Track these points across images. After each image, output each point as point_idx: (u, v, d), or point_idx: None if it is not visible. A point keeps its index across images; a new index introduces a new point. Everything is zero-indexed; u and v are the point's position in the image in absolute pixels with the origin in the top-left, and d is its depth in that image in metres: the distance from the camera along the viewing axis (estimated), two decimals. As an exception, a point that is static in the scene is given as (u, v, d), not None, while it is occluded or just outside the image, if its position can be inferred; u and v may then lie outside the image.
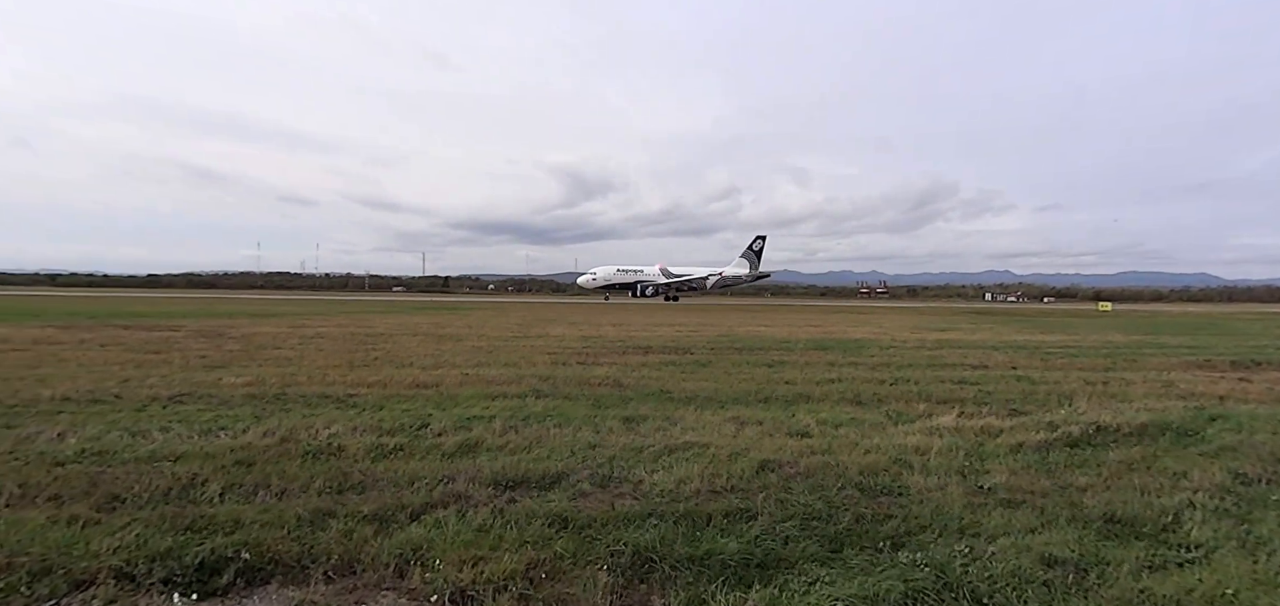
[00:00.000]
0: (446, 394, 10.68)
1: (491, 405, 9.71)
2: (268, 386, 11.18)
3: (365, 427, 8.00)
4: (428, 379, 12.26)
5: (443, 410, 9.29)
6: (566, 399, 10.45)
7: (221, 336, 21.27)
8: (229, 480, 5.88)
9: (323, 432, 7.70)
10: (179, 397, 9.92)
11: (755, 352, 18.87)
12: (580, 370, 14.19)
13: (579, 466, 6.62)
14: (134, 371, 12.71)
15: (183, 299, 61.00)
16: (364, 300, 70.38)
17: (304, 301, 59.90)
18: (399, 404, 9.72)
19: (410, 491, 5.75)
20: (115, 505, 5.30)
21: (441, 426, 8.12)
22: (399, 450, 7.07)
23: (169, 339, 19.99)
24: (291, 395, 10.31)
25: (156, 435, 7.49)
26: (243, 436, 7.52)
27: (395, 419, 8.61)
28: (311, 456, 6.72)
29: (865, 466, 6.84)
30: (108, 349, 16.88)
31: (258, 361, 14.87)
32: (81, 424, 8.03)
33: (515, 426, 8.24)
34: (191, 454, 6.69)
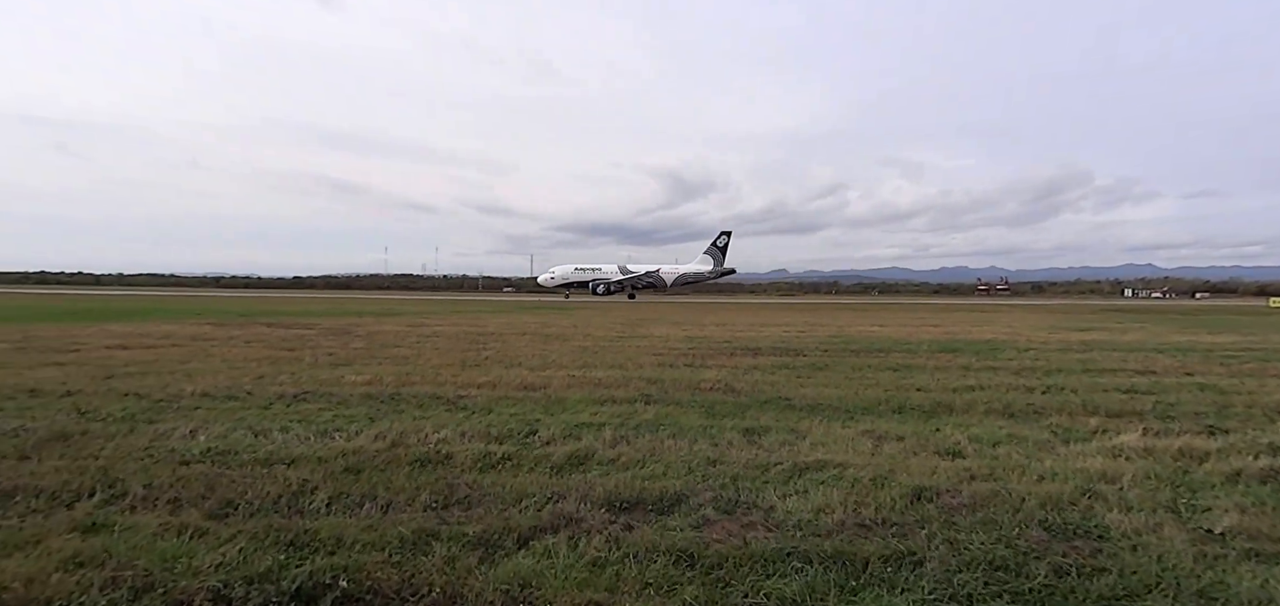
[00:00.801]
0: (554, 397, 10.32)
1: (600, 410, 9.22)
2: (384, 385, 11.32)
3: (473, 433, 7.71)
4: (535, 380, 12.01)
5: (551, 415, 8.90)
6: (677, 405, 9.78)
7: (349, 334, 22.43)
8: (337, 489, 5.67)
9: (432, 437, 7.47)
10: (302, 396, 10.18)
11: (874, 355, 17.40)
12: (688, 372, 13.51)
13: (699, 486, 5.91)
14: (269, 368, 13.38)
15: (320, 299, 66.22)
16: (477, 300, 73.48)
17: (424, 301, 63.30)
18: (507, 407, 9.44)
19: (518, 510, 5.28)
20: (227, 512, 5.19)
21: (550, 434, 7.69)
22: (506, 460, 6.67)
23: (303, 337, 21.28)
24: (405, 395, 10.33)
25: (277, 435, 7.55)
26: (355, 439, 7.43)
27: (503, 423, 8.30)
28: (419, 465, 6.45)
29: (1045, 498, 5.67)
30: (251, 345, 18.10)
31: (378, 359, 15.34)
32: (213, 420, 8.29)
33: (626, 436, 7.66)
34: (305, 457, 6.61)
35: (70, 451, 6.72)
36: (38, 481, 5.70)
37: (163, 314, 32.04)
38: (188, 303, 48.85)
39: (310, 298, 70.02)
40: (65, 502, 5.32)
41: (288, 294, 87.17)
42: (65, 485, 5.61)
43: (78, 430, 7.61)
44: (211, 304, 46.68)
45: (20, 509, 5.16)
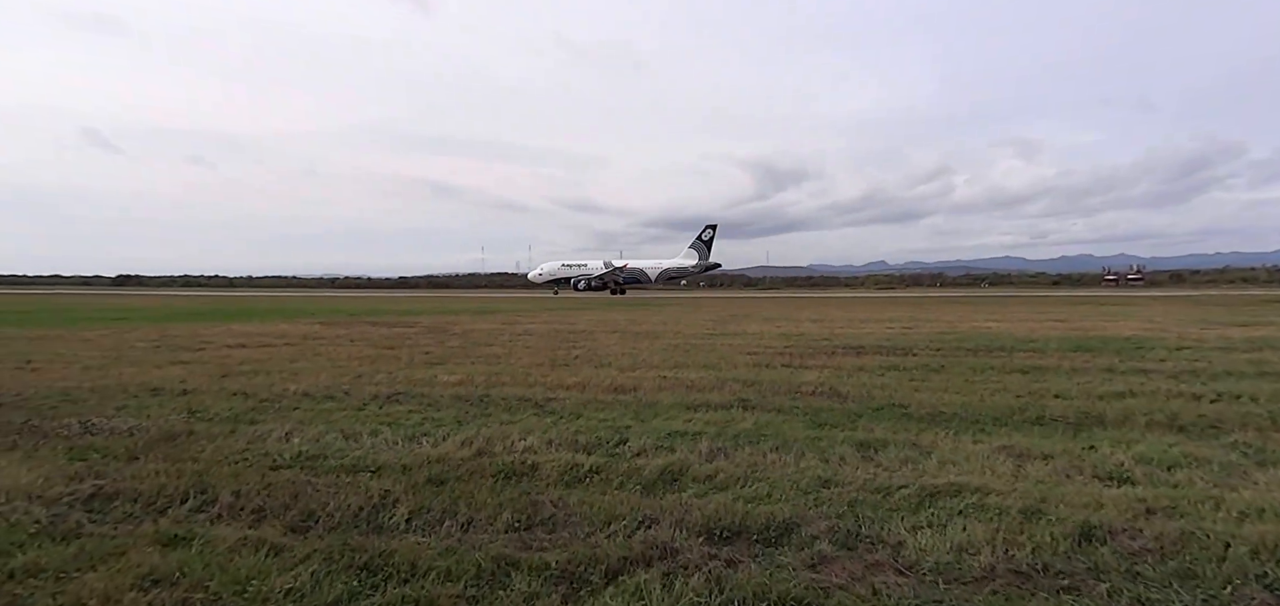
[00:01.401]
0: (644, 401, 9.78)
1: (694, 417, 8.58)
2: (475, 386, 11.20)
3: (561, 441, 7.28)
4: (625, 382, 11.54)
5: (641, 422, 8.36)
6: (779, 412, 8.98)
7: (445, 332, 22.98)
8: (418, 502, 5.35)
9: (518, 445, 7.11)
10: (396, 396, 10.18)
11: (995, 354, 15.73)
12: (787, 374, 12.61)
13: (811, 512, 5.16)
14: (368, 367, 13.68)
15: (422, 298, 69.48)
16: (568, 297, 74.74)
17: (518, 299, 65.06)
18: (596, 412, 8.98)
19: (605, 536, 4.74)
20: (308, 525, 4.97)
21: (640, 444, 7.13)
22: (595, 474, 6.17)
23: (403, 335, 21.97)
24: (494, 397, 10.12)
25: (366, 439, 7.43)
26: (442, 445, 7.18)
27: (592, 431, 7.83)
28: (503, 477, 6.07)
29: (1257, 543, 4.51)
30: (355, 344, 18.79)
31: (471, 358, 15.42)
32: (309, 422, 8.34)
33: (723, 448, 6.98)
34: (390, 465, 6.39)
35: (174, 452, 6.84)
36: (138, 484, 5.75)
37: (282, 314, 34.34)
38: (304, 303, 52.41)
39: (413, 297, 73.64)
40: (158, 509, 5.29)
41: (393, 293, 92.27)
42: (161, 490, 5.62)
43: (185, 430, 7.82)
44: (325, 304, 49.84)
45: (116, 514, 5.16)
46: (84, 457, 6.72)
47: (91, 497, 5.50)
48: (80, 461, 6.55)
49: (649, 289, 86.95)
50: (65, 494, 5.53)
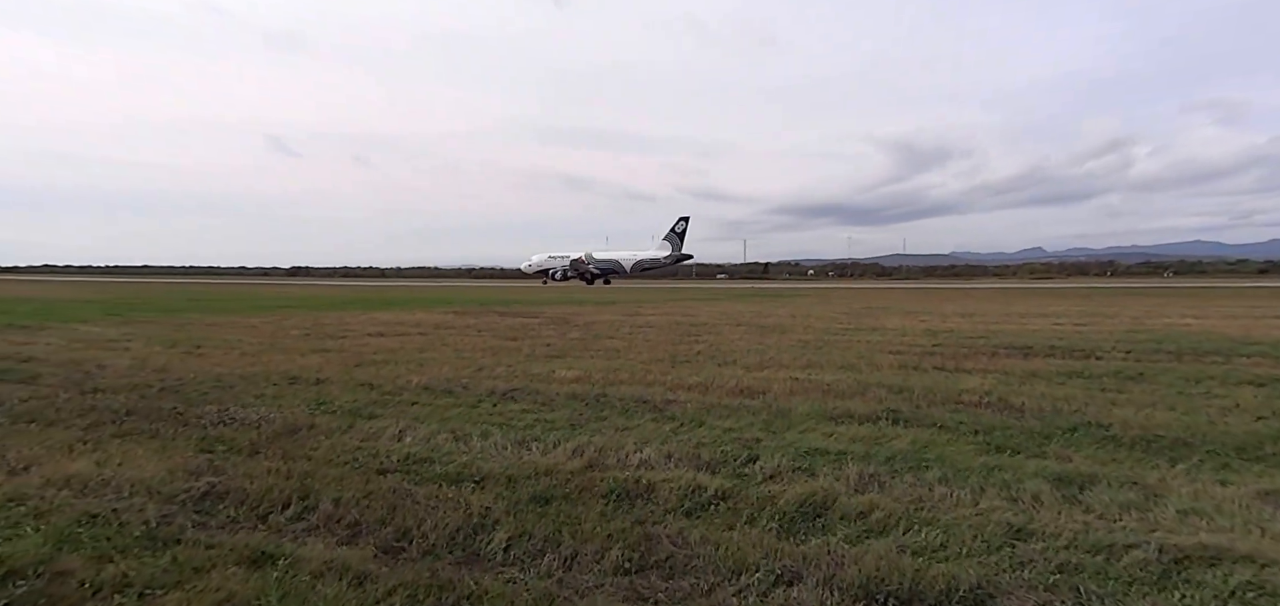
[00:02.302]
0: (776, 408, 8.68)
1: (836, 432, 7.39)
2: (592, 384, 10.63)
3: (680, 455, 6.41)
4: (752, 383, 10.47)
5: (773, 434, 7.30)
6: (940, 429, 7.55)
7: (568, 323, 22.97)
8: (519, 526, 4.70)
9: (633, 457, 6.33)
10: (511, 393, 9.81)
11: (1208, 359, 12.92)
12: (942, 379, 10.94)
13: (1007, 578, 3.92)
14: (490, 359, 13.60)
15: (549, 288, 71.77)
16: (690, 287, 74.05)
17: (641, 289, 65.28)
18: (721, 419, 8.03)
19: (734, 591, 3.81)
20: (400, 546, 4.47)
21: (774, 464, 6.09)
22: (721, 501, 5.24)
23: (527, 325, 22.18)
24: (611, 397, 9.45)
25: (476, 442, 6.98)
26: (552, 453, 6.56)
27: (716, 442, 6.90)
28: (615, 498, 5.30)
29: None
30: (481, 334, 19.11)
31: (591, 351, 15.00)
32: (424, 419, 8.08)
33: (877, 475, 5.78)
34: (495, 476, 5.83)
35: (292, 448, 6.74)
36: (249, 484, 5.58)
37: (420, 303, 36.37)
38: (442, 292, 55.66)
39: (542, 287, 76.14)
40: (260, 514, 5.04)
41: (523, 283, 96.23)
42: (268, 491, 5.39)
43: (307, 424, 7.81)
44: (460, 293, 52.57)
45: (220, 519, 4.96)
46: (211, 449, 6.78)
47: (203, 496, 5.37)
48: (206, 454, 6.59)
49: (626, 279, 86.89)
50: (181, 490, 5.45)
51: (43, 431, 7.49)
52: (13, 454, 6.49)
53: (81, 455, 6.46)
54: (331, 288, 71.32)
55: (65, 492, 5.41)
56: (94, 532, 4.55)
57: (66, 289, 57.25)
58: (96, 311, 27.37)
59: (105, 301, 35.60)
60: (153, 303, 35.03)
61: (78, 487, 5.54)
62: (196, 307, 30.86)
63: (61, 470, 5.92)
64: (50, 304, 32.91)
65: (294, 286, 75.76)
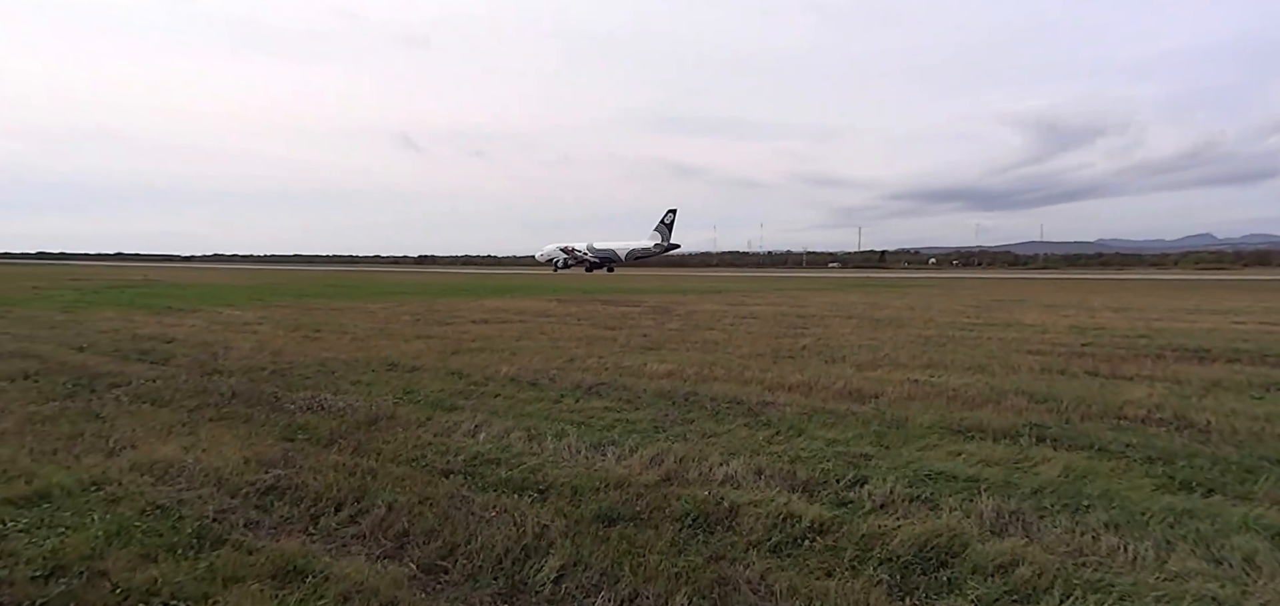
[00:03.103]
0: (889, 416, 7.55)
1: (964, 450, 6.21)
2: (684, 380, 9.93)
3: (772, 472, 5.55)
4: (863, 384, 9.33)
5: (885, 449, 6.25)
6: (1100, 452, 6.16)
7: (669, 313, 22.36)
8: (576, 552, 4.09)
9: (717, 471, 5.55)
10: (597, 388, 9.30)
11: None
12: (1096, 387, 9.26)
13: (1223, 690, 2.79)
14: (582, 349, 13.24)
15: (655, 276, 71.60)
16: (800, 277, 71.30)
17: (747, 278, 63.63)
18: (823, 428, 7.05)
19: (829, 672, 2.96)
20: (443, 566, 4.00)
21: (886, 489, 5.10)
22: (816, 536, 4.36)
23: (627, 315, 21.80)
24: (702, 396, 8.69)
25: (549, 443, 6.48)
26: (627, 460, 5.92)
27: (816, 457, 5.97)
28: (690, 523, 4.56)
29: None
30: (579, 324, 18.90)
31: (688, 344, 14.29)
32: (503, 413, 7.73)
33: (1020, 513, 4.64)
34: (560, 486, 5.27)
35: (365, 442, 6.55)
36: (314, 479, 5.37)
37: (528, 291, 37.18)
38: (550, 281, 56.92)
39: (648, 275, 76.24)
40: (313, 515, 4.77)
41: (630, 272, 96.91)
42: (328, 489, 5.14)
43: (388, 415, 7.66)
44: (567, 282, 53.49)
45: (274, 518, 4.73)
46: (292, 437, 6.73)
47: (267, 491, 5.21)
48: (286, 443, 6.54)
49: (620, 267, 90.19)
50: (248, 483, 5.32)
51: (153, 412, 7.82)
52: (118, 434, 6.75)
53: (175, 438, 6.60)
54: (451, 275, 75.11)
55: (145, 479, 5.44)
56: (150, 527, 4.43)
57: (225, 275, 64.03)
58: (243, 296, 30.04)
59: (253, 287, 39.20)
60: (292, 288, 38.16)
61: (158, 474, 5.57)
62: (328, 293, 33.19)
63: (151, 454, 6.02)
64: (208, 288, 36.69)
65: (418, 274, 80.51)
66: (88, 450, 6.18)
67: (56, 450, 6.17)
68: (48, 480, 5.26)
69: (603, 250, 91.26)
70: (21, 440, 6.50)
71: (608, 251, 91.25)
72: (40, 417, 7.47)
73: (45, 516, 4.61)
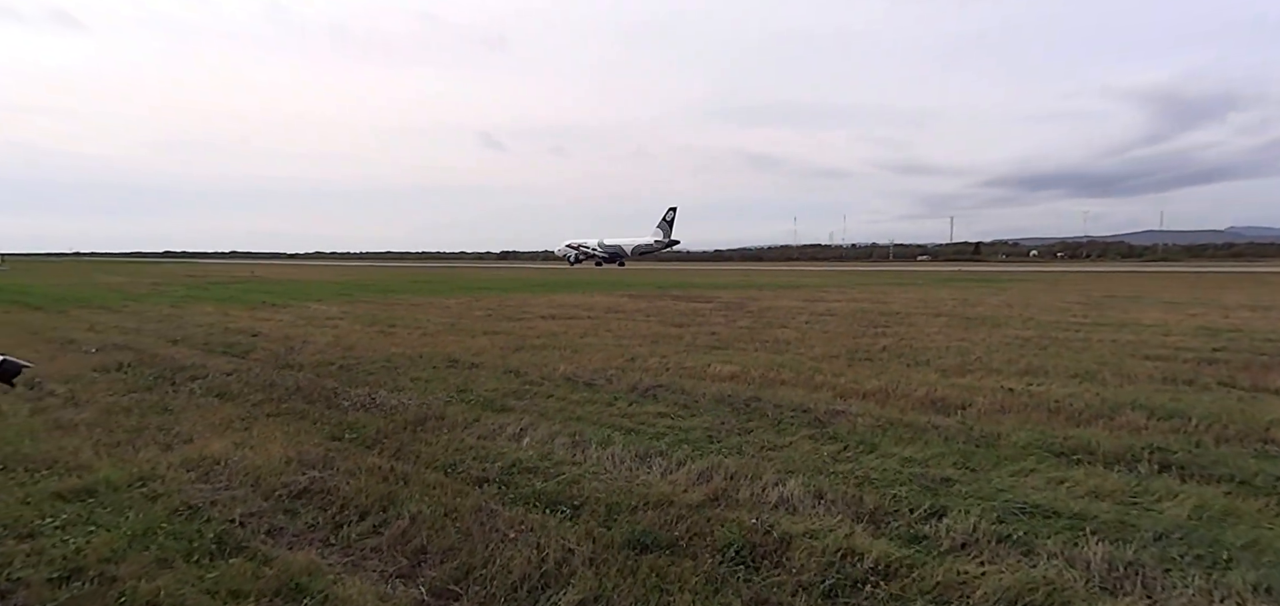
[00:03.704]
0: (978, 432, 6.68)
1: (1068, 478, 5.32)
2: (748, 383, 9.32)
3: (835, 497, 4.91)
4: (949, 393, 8.41)
5: (971, 474, 5.45)
6: (1242, 485, 5.13)
7: (740, 309, 21.63)
8: (598, 584, 3.65)
9: (771, 492, 4.97)
10: (654, 390, 8.85)
11: None
12: (1234, 403, 7.95)
13: None
14: (646, 348, 12.83)
15: (732, 271, 70.38)
16: (885, 270, 68.09)
17: (828, 272, 61.37)
18: (899, 444, 6.29)
19: None
20: (454, 592, 3.67)
21: (968, 525, 4.36)
22: (880, 580, 3.72)
23: (697, 311, 21.23)
24: (766, 402, 8.07)
25: (593, 451, 6.08)
26: (673, 474, 5.44)
27: (887, 482, 5.27)
28: (732, 557, 4.02)
29: None
30: (648, 320, 18.52)
31: (757, 343, 13.61)
32: (551, 416, 7.41)
33: (1139, 568, 3.81)
34: (596, 501, 4.85)
35: (407, 444, 6.38)
36: (347, 484, 5.21)
37: (599, 286, 37.19)
38: (622, 276, 56.94)
39: (724, 269, 75.15)
40: (336, 523, 4.57)
41: (706, 266, 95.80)
42: (358, 495, 4.95)
43: (437, 415, 7.50)
44: (639, 277, 53.27)
45: (296, 525, 4.56)
46: (339, 437, 6.66)
47: (299, 494, 5.07)
48: (331, 442, 6.47)
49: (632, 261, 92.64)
50: (282, 485, 5.21)
51: (219, 406, 8.02)
52: (179, 427, 6.91)
53: (228, 434, 6.66)
54: (528, 270, 76.70)
55: (188, 476, 5.44)
56: (175, 529, 4.35)
57: (322, 271, 67.98)
58: (332, 291, 31.58)
59: (344, 283, 41.28)
60: (379, 284, 39.88)
61: (202, 471, 5.57)
62: (411, 289, 34.41)
63: (202, 450, 6.07)
64: (303, 284, 38.91)
65: (498, 269, 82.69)
66: (146, 443, 6.31)
67: (119, 443, 6.35)
68: (98, 474, 5.34)
69: (611, 246, 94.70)
70: (92, 431, 6.75)
71: (615, 247, 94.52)
72: (118, 408, 7.80)
73: (84, 512, 4.63)
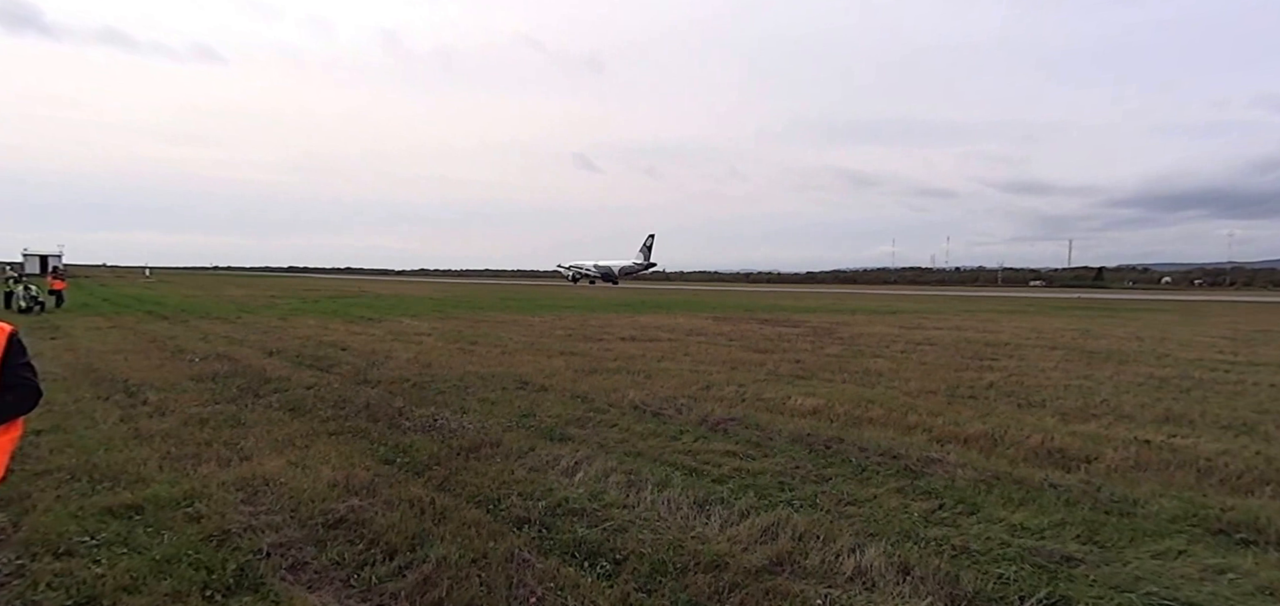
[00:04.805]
0: (1107, 494, 5.59)
1: (1230, 564, 4.24)
2: (832, 418, 8.51)
3: (927, 573, 4.11)
4: (1069, 442, 7.25)
5: (1100, 551, 4.47)
6: None
7: (829, 335, 20.47)
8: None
9: (846, 561, 4.23)
10: (725, 425, 8.19)
11: None
12: None
13: None
14: (723, 375, 12.17)
15: (823, 294, 67.85)
16: (993, 296, 63.35)
17: (928, 297, 57.82)
18: (1007, 506, 5.34)
19: None
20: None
21: (1099, 624, 3.47)
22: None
23: (783, 336, 20.26)
24: (849, 443, 7.24)
25: (648, 494, 5.53)
26: (732, 528, 4.80)
27: (991, 556, 4.39)
28: (791, 644, 3.35)
29: None
30: (730, 345, 17.79)
31: (845, 373, 12.62)
32: (611, 448, 6.94)
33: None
34: (639, 558, 4.29)
35: (455, 473, 6.09)
36: (383, 515, 4.94)
37: (685, 307, 36.63)
38: (707, 297, 56.07)
39: (816, 293, 72.61)
40: (361, 562, 4.26)
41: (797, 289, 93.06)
42: (390, 529, 4.66)
43: (494, 442, 7.20)
44: (725, 299, 52.25)
45: (321, 562, 4.28)
46: (391, 460, 6.48)
47: (334, 524, 4.84)
48: (382, 466, 6.29)
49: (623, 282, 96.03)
50: (321, 512, 5.01)
51: (288, 421, 8.10)
52: (245, 442, 6.96)
53: (287, 453, 6.62)
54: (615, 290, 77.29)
55: (236, 496, 5.36)
56: (201, 558, 4.18)
57: (424, 288, 71.28)
58: (428, 307, 32.78)
59: (440, 299, 42.93)
60: (472, 300, 41.17)
61: (250, 492, 5.48)
62: (501, 306, 35.24)
63: (257, 469, 6.03)
64: (403, 299, 40.77)
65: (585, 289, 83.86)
66: (208, 459, 6.35)
67: (183, 456, 6.43)
68: (151, 489, 5.36)
69: (604, 267, 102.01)
70: (165, 443, 6.91)
71: (608, 268, 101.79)
72: (197, 419, 8.04)
73: (123, 531, 4.58)
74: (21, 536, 4.47)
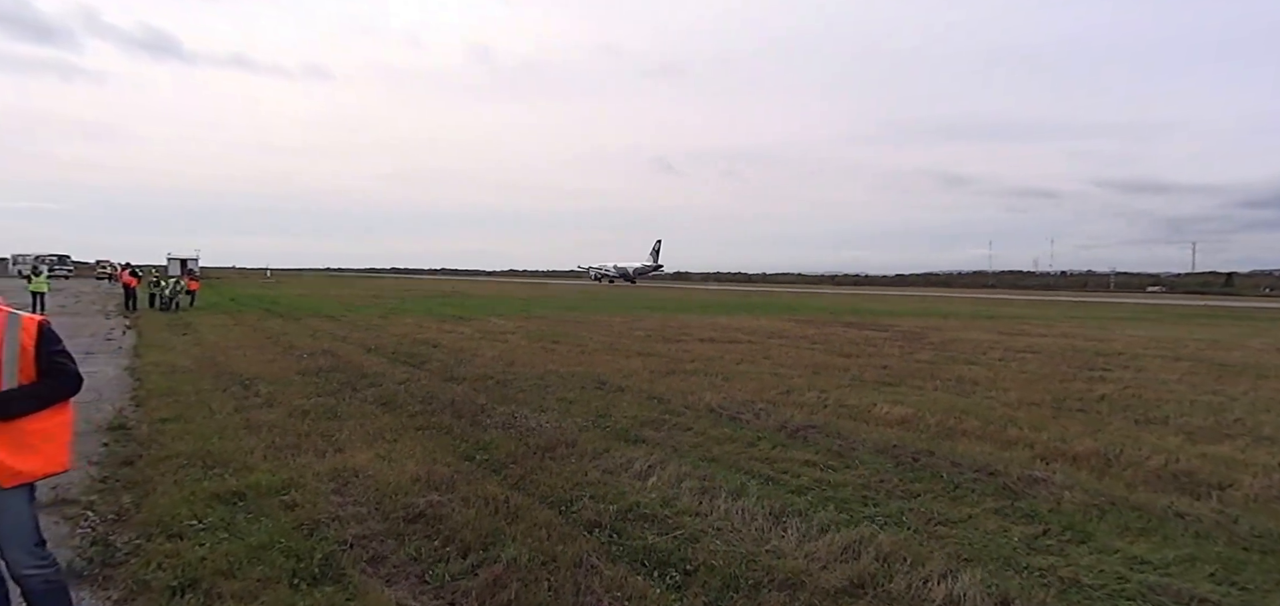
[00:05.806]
0: (1246, 528, 4.94)
1: None
2: (920, 431, 8.03)
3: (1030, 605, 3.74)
4: (1197, 465, 6.50)
5: (1242, 594, 3.94)
6: None
7: (920, 340, 19.48)
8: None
9: (937, 589, 3.93)
10: (805, 431, 7.89)
11: None
12: None
13: None
14: (804, 379, 11.79)
15: (914, 297, 64.68)
16: (1105, 302, 58.32)
17: (1030, 302, 53.96)
18: (1124, 535, 4.81)
19: None
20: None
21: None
22: None
23: (870, 339, 19.48)
24: (941, 458, 6.79)
25: (721, 502, 5.37)
26: (810, 544, 4.57)
27: (1108, 594, 3.96)
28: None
29: None
30: (813, 348, 17.27)
31: (937, 380, 11.93)
32: (684, 453, 6.82)
33: None
34: (709, 570, 4.15)
35: (530, 472, 6.15)
36: (461, 511, 5.05)
37: (767, 309, 35.90)
38: (792, 300, 54.69)
39: (906, 295, 69.42)
40: (436, 558, 4.34)
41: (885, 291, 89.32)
42: (466, 526, 4.74)
43: (569, 442, 7.24)
44: (810, 302, 50.77)
45: (399, 556, 4.40)
46: (472, 457, 6.64)
47: (413, 518, 4.98)
48: (463, 461, 6.45)
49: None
50: (402, 506, 5.17)
51: (380, 415, 8.49)
52: (340, 435, 7.34)
53: (377, 445, 6.92)
54: (695, 291, 76.86)
55: (328, 487, 5.62)
56: (291, 547, 4.39)
57: (513, 289, 73.59)
58: (515, 307, 33.77)
59: (527, 299, 44.16)
60: (556, 301, 42.10)
61: (341, 482, 5.75)
62: (583, 306, 35.83)
63: (348, 460, 6.33)
64: (493, 300, 42.23)
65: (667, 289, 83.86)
66: (306, 450, 6.73)
67: (286, 447, 6.84)
68: (254, 477, 5.71)
69: (622, 268, 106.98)
70: (271, 433, 7.39)
71: (624, 269, 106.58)
72: (300, 411, 8.55)
73: (227, 517, 4.89)
74: (141, 517, 4.87)
